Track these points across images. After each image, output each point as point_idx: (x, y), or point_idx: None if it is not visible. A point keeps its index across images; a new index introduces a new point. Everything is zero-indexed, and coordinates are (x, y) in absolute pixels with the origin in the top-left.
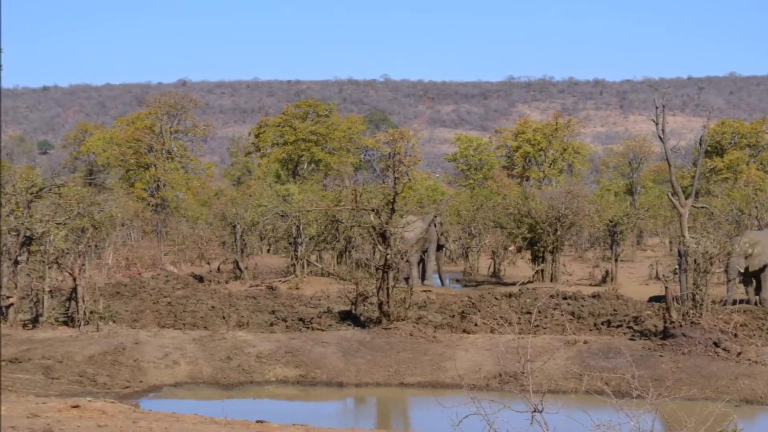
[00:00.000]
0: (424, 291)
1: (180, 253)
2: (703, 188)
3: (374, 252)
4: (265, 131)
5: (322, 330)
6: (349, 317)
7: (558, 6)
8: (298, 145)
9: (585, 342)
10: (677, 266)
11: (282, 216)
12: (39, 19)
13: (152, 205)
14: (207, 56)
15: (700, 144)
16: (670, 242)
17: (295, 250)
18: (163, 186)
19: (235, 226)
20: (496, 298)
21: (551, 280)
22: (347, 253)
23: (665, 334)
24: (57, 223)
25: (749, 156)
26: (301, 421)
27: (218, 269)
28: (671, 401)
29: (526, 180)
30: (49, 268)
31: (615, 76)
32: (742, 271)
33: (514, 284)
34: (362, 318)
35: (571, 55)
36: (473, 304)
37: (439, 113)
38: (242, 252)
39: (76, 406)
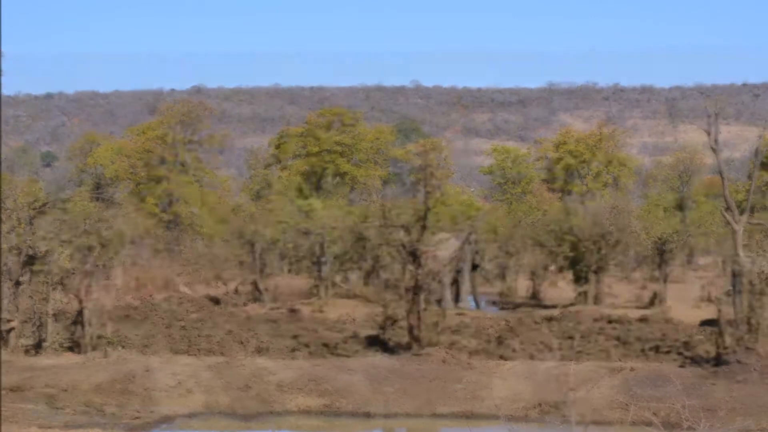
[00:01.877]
0: (458, 314)
1: (194, 273)
2: (759, 203)
3: (404, 272)
4: (286, 142)
5: (348, 356)
6: (376, 342)
7: (602, 6)
8: (322, 157)
9: (631, 369)
10: (731, 287)
11: (304, 233)
12: (42, 20)
13: (164, 222)
14: (223, 61)
15: (756, 155)
16: (724, 261)
17: (319, 270)
18: (176, 201)
19: (253, 245)
20: (535, 322)
21: (595, 303)
22: (375, 273)
23: (718, 361)
24: (62, 241)
25: None
26: None
27: (236, 291)
28: None
29: (568, 194)
30: (53, 289)
31: (664, 82)
32: None
33: (555, 307)
34: (391, 343)
35: (616, 59)
36: (511, 328)
37: (473, 122)
38: (261, 272)
39: None
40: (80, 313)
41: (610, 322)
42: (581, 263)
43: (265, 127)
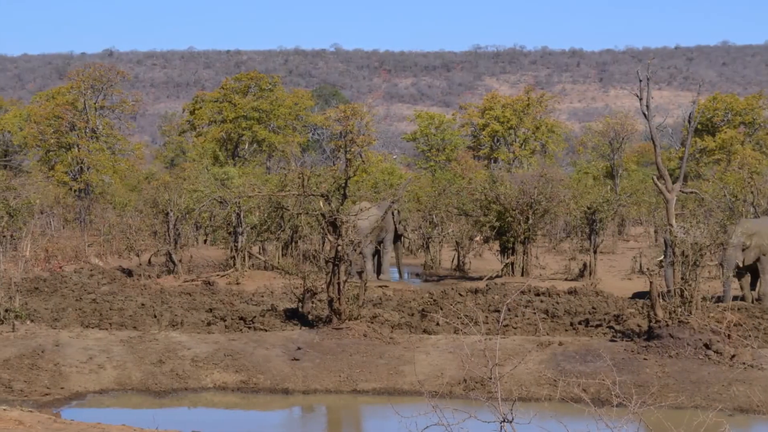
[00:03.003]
0: (380, 286)
1: (106, 244)
2: (693, 171)
3: (324, 243)
4: (201, 107)
5: (266, 330)
6: (295, 316)
7: None
8: (239, 123)
9: (560, 344)
10: (663, 258)
11: (220, 202)
12: None
13: (75, 191)
14: (136, 23)
15: (689, 121)
16: (656, 232)
17: (235, 241)
18: (87, 169)
19: (167, 214)
20: (460, 295)
21: (522, 274)
22: (293, 244)
23: (650, 335)
24: None
25: (744, 135)
26: None
27: (149, 262)
28: (656, 410)
29: (494, 162)
30: None
31: (594, 45)
32: (741, 265)
33: (480, 279)
34: (310, 317)
35: (544, 21)
36: (435, 301)
37: (396, 87)
38: (176, 243)
39: None
40: None
41: (537, 294)
42: (508, 233)
43: (179, 92)
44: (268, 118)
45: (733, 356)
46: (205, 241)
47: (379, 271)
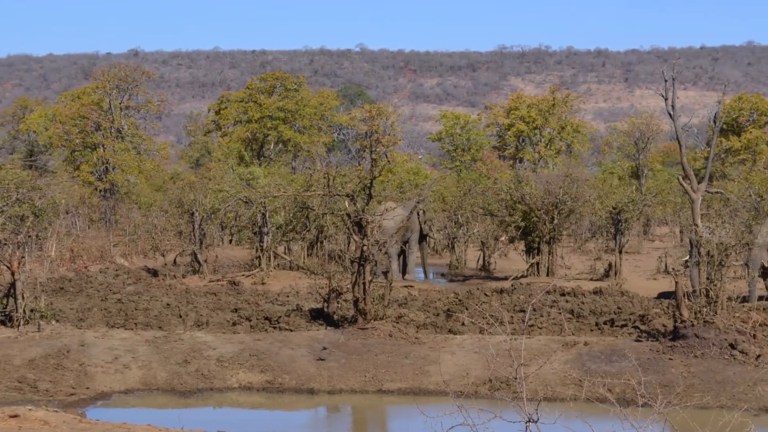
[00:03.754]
0: (405, 286)
1: (131, 244)
2: (718, 171)
3: (349, 243)
4: (226, 107)
5: (291, 330)
6: (320, 316)
7: None
8: (264, 123)
9: (585, 344)
10: (689, 258)
11: (246, 202)
12: None
13: (100, 191)
14: (161, 23)
15: (715, 121)
16: (681, 232)
17: (261, 241)
18: (113, 169)
19: (193, 214)
20: (485, 295)
21: (547, 274)
22: (319, 244)
23: (675, 335)
24: None
25: None
26: None
27: (174, 262)
28: (682, 410)
29: (520, 162)
30: None
31: (619, 45)
32: (767, 265)
33: (506, 279)
34: (336, 317)
35: (569, 21)
36: (460, 301)
37: (421, 87)
38: (201, 243)
39: (15, 416)
40: (12, 285)
41: (563, 294)
42: (533, 233)
43: (205, 92)
44: (293, 118)
45: (759, 356)
46: (230, 241)
47: (404, 271)
